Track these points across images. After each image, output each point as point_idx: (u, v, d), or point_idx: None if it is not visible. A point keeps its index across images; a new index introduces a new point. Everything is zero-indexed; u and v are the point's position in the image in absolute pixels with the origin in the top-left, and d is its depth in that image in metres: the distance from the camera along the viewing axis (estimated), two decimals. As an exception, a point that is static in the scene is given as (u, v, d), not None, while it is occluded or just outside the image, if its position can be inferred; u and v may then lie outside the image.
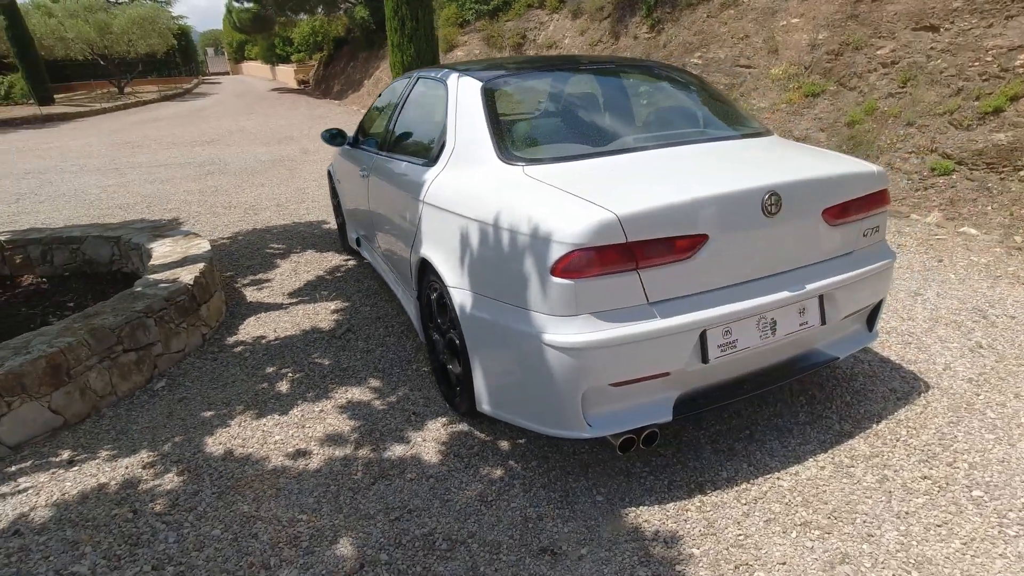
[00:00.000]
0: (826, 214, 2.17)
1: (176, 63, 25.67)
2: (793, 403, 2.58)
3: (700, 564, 1.83)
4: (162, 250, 3.85)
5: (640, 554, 1.87)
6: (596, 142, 2.46)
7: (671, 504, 2.06)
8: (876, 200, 2.30)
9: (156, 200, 6.93)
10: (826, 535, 1.90)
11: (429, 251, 2.47)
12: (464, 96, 2.58)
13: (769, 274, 2.11)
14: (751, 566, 1.81)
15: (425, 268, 2.58)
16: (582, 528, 1.98)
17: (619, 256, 1.83)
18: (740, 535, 1.92)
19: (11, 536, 2.02)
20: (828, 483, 2.12)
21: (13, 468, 2.37)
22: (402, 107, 3.30)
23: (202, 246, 3.87)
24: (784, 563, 1.81)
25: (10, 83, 19.44)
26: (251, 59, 36.30)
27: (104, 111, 18.02)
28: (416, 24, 11.96)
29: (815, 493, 2.08)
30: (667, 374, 1.97)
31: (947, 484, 2.08)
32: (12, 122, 15.87)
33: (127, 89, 22.84)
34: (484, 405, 2.22)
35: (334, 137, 4.01)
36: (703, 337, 1.98)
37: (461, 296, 2.22)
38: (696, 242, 1.93)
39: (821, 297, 2.19)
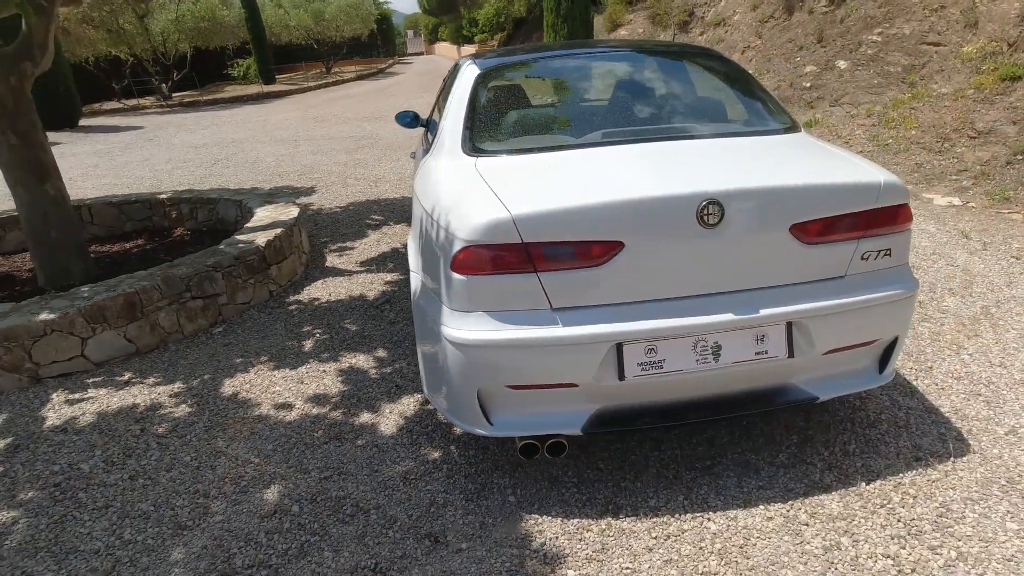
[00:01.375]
0: (797, 230, 1.85)
1: (376, 45, 28.46)
2: (780, 440, 2.26)
3: (567, 586, 1.74)
4: (262, 214, 4.44)
5: (515, 562, 1.82)
6: (565, 136, 2.36)
7: (576, 520, 1.96)
8: (882, 218, 1.90)
9: (309, 170, 7.90)
10: (721, 591, 1.69)
11: (409, 237, 2.58)
12: (461, 83, 2.61)
13: (709, 292, 1.87)
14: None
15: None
16: (477, 524, 1.98)
17: (515, 257, 1.77)
18: (628, 569, 1.78)
19: (59, 431, 2.59)
20: (764, 537, 1.85)
21: (89, 380, 2.99)
22: (445, 92, 3.41)
23: (291, 213, 4.39)
24: (655, 608, 1.65)
25: (247, 66, 23.21)
26: (443, 40, 38.86)
27: (309, 89, 20.67)
28: (571, 4, 11.90)
29: (740, 545, 1.83)
30: (575, 385, 1.87)
31: (911, 572, 1.70)
32: (241, 99, 18.93)
33: (333, 69, 25.96)
34: (424, 390, 2.29)
35: (410, 120, 4.22)
36: (620, 352, 1.83)
37: (414, 281, 2.30)
38: (609, 249, 1.78)
39: (789, 325, 1.89)
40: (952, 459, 2.10)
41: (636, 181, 1.89)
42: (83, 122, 14.83)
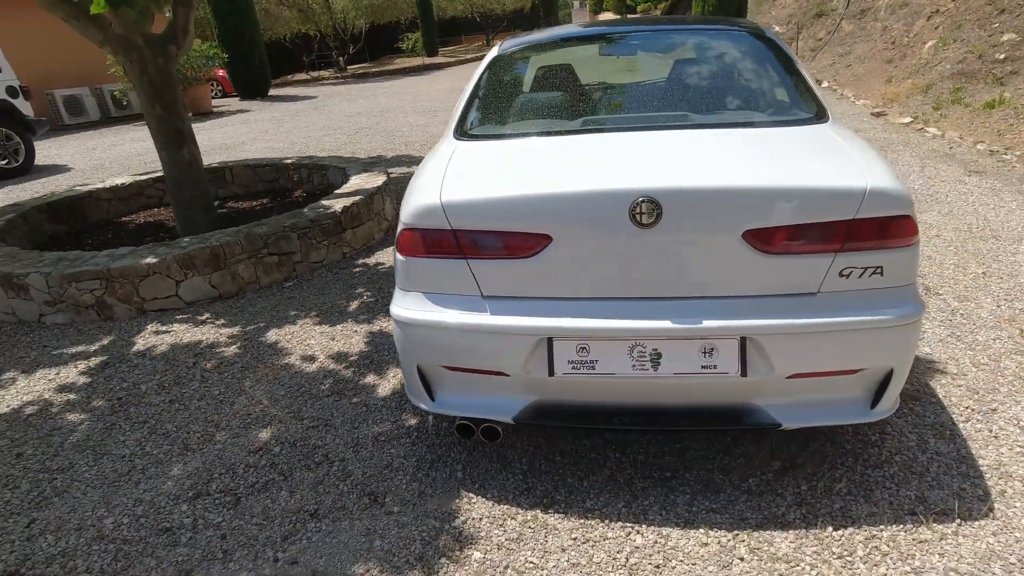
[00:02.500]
0: (752, 238, 1.63)
1: (538, 16, 28.57)
2: (760, 464, 2.04)
3: (466, 568, 1.77)
4: (354, 181, 4.82)
5: (432, 534, 1.89)
6: (551, 122, 2.29)
7: (506, 506, 1.97)
8: (867, 231, 1.61)
9: (433, 139, 8.32)
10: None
11: None
12: (481, 65, 2.61)
13: (647, 296, 1.73)
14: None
15: None
16: (417, 492, 2.07)
17: (445, 242, 1.78)
18: (532, 564, 1.76)
19: (139, 355, 3.12)
20: (687, 562, 1.71)
21: (176, 316, 3.54)
22: None
23: (377, 182, 4.71)
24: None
25: (415, 39, 24.70)
26: (607, 10, 37.88)
27: (467, 61, 21.47)
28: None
29: (657, 565, 1.72)
30: (505, 375, 1.86)
31: (835, 633, 1.48)
32: (404, 70, 20.25)
33: (493, 42, 26.64)
34: None
35: None
36: (550, 347, 1.78)
37: None
38: (538, 243, 1.72)
39: (744, 341, 1.69)
40: (958, 521, 1.75)
41: (570, 174, 1.80)
42: (272, 92, 16.90)
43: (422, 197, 1.82)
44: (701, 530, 1.82)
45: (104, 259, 3.57)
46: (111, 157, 9.38)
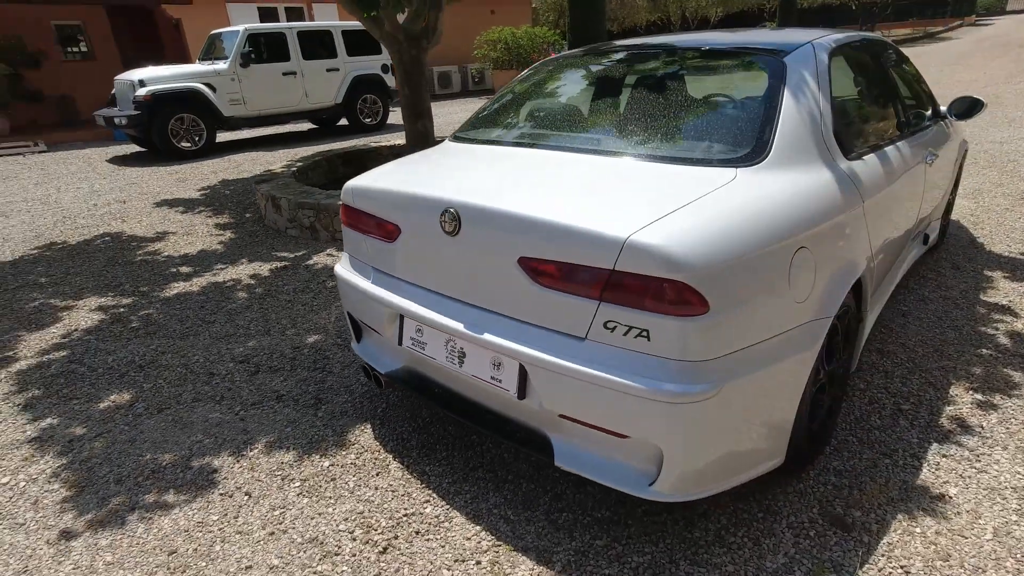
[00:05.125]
0: (526, 266, 1.66)
1: (944, 3, 23.44)
2: (591, 510, 1.99)
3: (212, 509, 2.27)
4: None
5: (242, 439, 2.43)
6: (502, 132, 2.48)
7: (325, 454, 2.36)
8: (630, 287, 1.49)
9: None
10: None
11: None
12: (524, 72, 2.86)
13: (454, 297, 1.89)
14: (209, 543, 2.13)
15: None
16: (336, 411, 2.61)
17: (353, 217, 2.23)
18: (274, 507, 2.12)
19: (305, 268, 4.31)
20: (438, 540, 1.89)
21: (316, 253, 4.67)
22: None
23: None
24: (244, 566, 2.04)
25: (771, 27, 23.19)
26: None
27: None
28: None
29: (417, 530, 1.94)
30: (380, 334, 2.23)
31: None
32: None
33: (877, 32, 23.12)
34: None
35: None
36: (402, 321, 2.10)
37: None
38: (394, 231, 2.04)
39: (522, 366, 1.74)
40: None
41: (428, 178, 2.02)
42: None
43: (353, 180, 2.30)
44: (479, 527, 1.94)
45: (321, 196, 4.91)
46: (439, 124, 11.72)
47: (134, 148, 10.08)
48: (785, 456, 1.81)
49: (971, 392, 2.47)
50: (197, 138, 9.16)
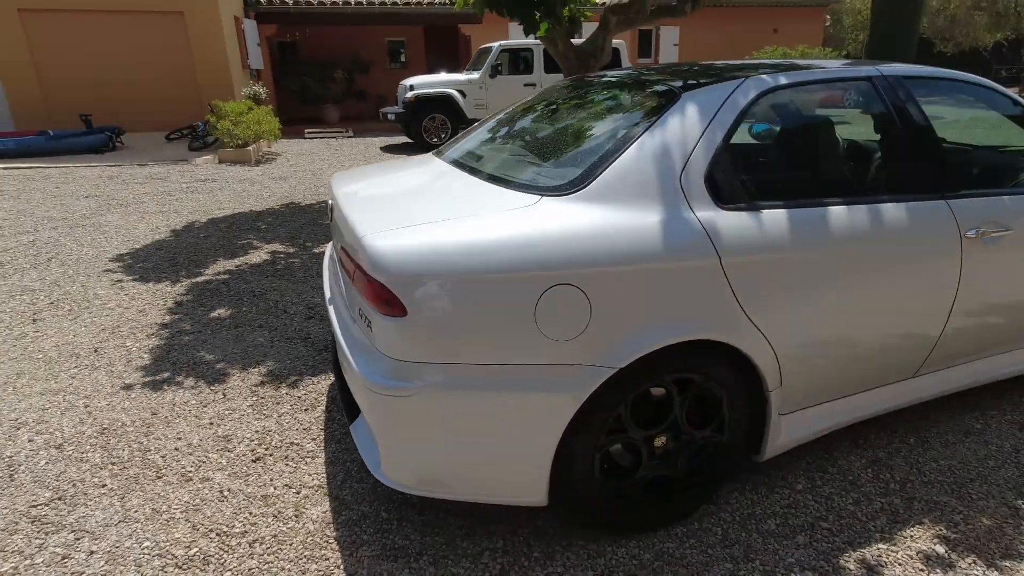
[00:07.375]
0: (343, 252, 1.94)
1: None
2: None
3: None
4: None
5: (263, 387, 3.01)
6: (451, 148, 2.67)
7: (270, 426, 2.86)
8: (360, 279, 1.70)
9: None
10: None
11: None
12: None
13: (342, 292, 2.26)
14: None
15: None
16: (288, 368, 3.15)
17: None
18: (229, 410, 2.69)
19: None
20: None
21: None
22: None
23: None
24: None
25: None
26: None
27: None
28: None
29: (283, 456, 2.37)
30: None
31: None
32: None
33: None
34: None
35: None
36: None
37: None
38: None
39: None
40: None
41: (367, 181, 2.37)
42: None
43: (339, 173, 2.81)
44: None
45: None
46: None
47: (405, 139, 12.31)
48: (548, 499, 1.76)
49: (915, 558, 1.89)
50: (444, 135, 10.80)
